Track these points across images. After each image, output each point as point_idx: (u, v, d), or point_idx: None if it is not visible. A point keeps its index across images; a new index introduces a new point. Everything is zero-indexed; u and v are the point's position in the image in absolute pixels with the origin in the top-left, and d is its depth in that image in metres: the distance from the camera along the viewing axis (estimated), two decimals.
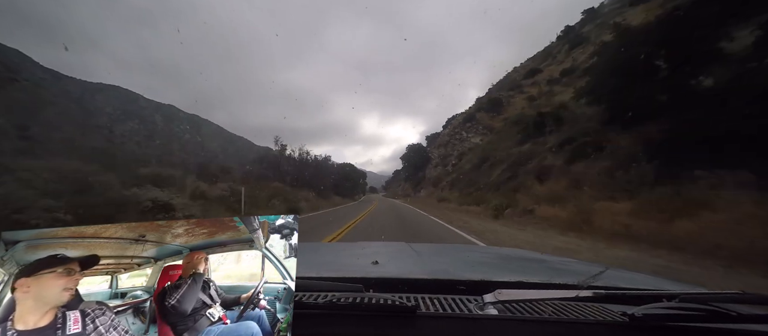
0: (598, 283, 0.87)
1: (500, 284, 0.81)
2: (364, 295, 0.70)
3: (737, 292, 0.64)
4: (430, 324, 0.61)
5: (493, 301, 0.69)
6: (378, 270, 1.03)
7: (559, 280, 0.90)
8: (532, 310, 0.71)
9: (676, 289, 0.85)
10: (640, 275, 1.15)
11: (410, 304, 0.66)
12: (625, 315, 0.62)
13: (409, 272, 1.04)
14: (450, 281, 0.91)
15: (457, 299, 0.78)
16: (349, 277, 0.86)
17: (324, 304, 0.67)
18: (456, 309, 0.72)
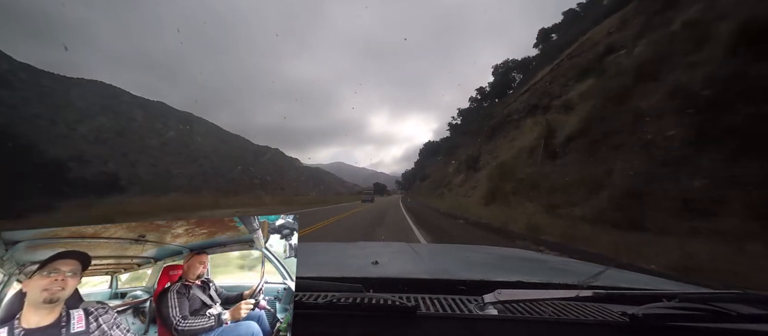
0: (598, 283, 0.87)
1: (500, 284, 0.81)
2: (364, 295, 0.70)
3: (737, 292, 0.64)
4: (430, 324, 0.61)
5: (493, 301, 0.69)
6: (378, 270, 1.03)
7: (559, 280, 0.90)
8: (532, 310, 0.71)
9: (676, 289, 0.86)
10: (640, 275, 1.15)
11: (410, 304, 0.66)
12: (625, 315, 0.62)
13: (409, 272, 1.04)
14: (450, 281, 0.91)
15: (457, 299, 0.78)
16: (349, 277, 0.86)
17: (324, 304, 0.67)
18: (456, 309, 0.72)
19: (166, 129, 62.56)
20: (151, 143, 55.13)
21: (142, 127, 57.63)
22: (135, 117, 58.55)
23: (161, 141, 58.25)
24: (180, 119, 70.66)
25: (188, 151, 61.80)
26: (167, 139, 59.88)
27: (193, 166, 58.15)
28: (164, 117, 67.13)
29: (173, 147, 59.02)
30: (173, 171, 52.26)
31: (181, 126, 67.14)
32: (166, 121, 65.55)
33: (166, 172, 50.70)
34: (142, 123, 58.66)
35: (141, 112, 61.66)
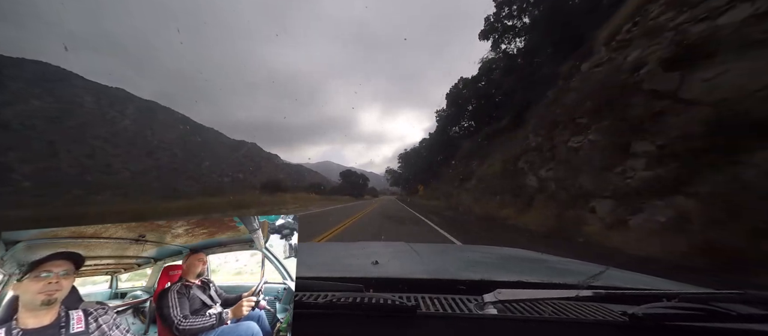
0: (598, 283, 0.87)
1: (500, 284, 0.81)
2: (364, 295, 0.70)
3: (737, 291, 0.64)
4: (430, 324, 0.61)
5: (493, 300, 0.69)
6: (378, 270, 1.03)
7: (559, 280, 0.90)
8: (532, 310, 0.71)
9: (676, 289, 0.86)
10: (640, 275, 1.15)
11: (410, 304, 0.66)
12: (625, 315, 0.62)
13: (409, 272, 1.04)
14: (450, 281, 0.91)
15: (457, 299, 0.78)
16: (349, 277, 0.86)
17: (324, 304, 0.67)
18: (456, 309, 0.72)
19: (122, 117, 57.15)
20: (95, 132, 49.46)
21: (88, 114, 52.09)
22: (82, 103, 53.28)
23: (111, 130, 52.93)
24: (141, 108, 64.22)
25: (144, 142, 56.31)
26: (119, 129, 54.51)
27: (146, 160, 52.60)
28: (122, 105, 61.26)
29: (125, 137, 53.60)
30: (116, 165, 46.51)
31: (140, 115, 61.07)
32: (123, 110, 59.91)
33: (104, 167, 44.92)
34: (90, 110, 53.20)
35: (91, 98, 56.34)
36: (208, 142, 74.70)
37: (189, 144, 66.05)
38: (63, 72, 59.21)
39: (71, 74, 60.09)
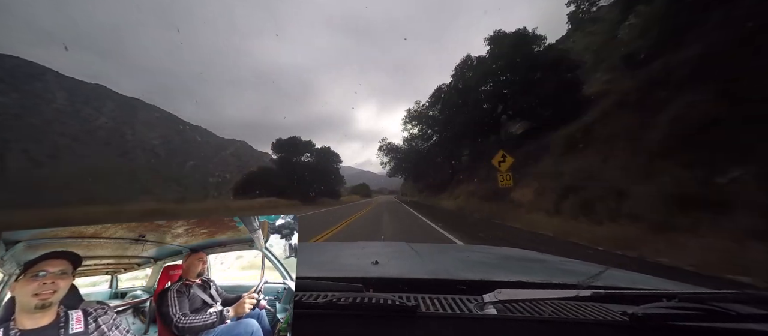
0: (598, 283, 0.87)
1: (500, 284, 0.81)
2: (364, 295, 0.70)
3: (737, 291, 0.64)
4: (430, 324, 0.61)
5: (493, 300, 0.69)
6: (378, 270, 1.03)
7: (559, 280, 0.90)
8: (532, 310, 0.71)
9: (676, 289, 0.85)
10: (640, 275, 1.15)
11: (410, 304, 0.66)
12: (625, 315, 0.62)
13: (409, 272, 1.04)
14: (450, 281, 0.91)
15: (457, 299, 0.78)
16: (349, 277, 0.86)
17: (324, 304, 0.67)
18: (456, 309, 0.72)
19: (97, 115, 54.03)
20: (60, 129, 46.21)
21: (56, 111, 48.93)
22: (53, 99, 50.26)
23: (85, 128, 49.81)
24: (122, 105, 61.06)
25: (122, 141, 53.31)
26: (93, 127, 51.48)
27: (120, 159, 49.58)
28: (99, 101, 58.04)
29: (99, 136, 50.58)
30: (83, 164, 43.06)
31: (120, 113, 57.64)
32: (100, 106, 56.85)
33: (67, 166, 41.66)
34: (60, 107, 49.88)
35: (64, 93, 53.23)
36: (193, 140, 71.25)
37: (172, 142, 63.24)
38: (35, 67, 56.03)
39: (45, 69, 56.84)
